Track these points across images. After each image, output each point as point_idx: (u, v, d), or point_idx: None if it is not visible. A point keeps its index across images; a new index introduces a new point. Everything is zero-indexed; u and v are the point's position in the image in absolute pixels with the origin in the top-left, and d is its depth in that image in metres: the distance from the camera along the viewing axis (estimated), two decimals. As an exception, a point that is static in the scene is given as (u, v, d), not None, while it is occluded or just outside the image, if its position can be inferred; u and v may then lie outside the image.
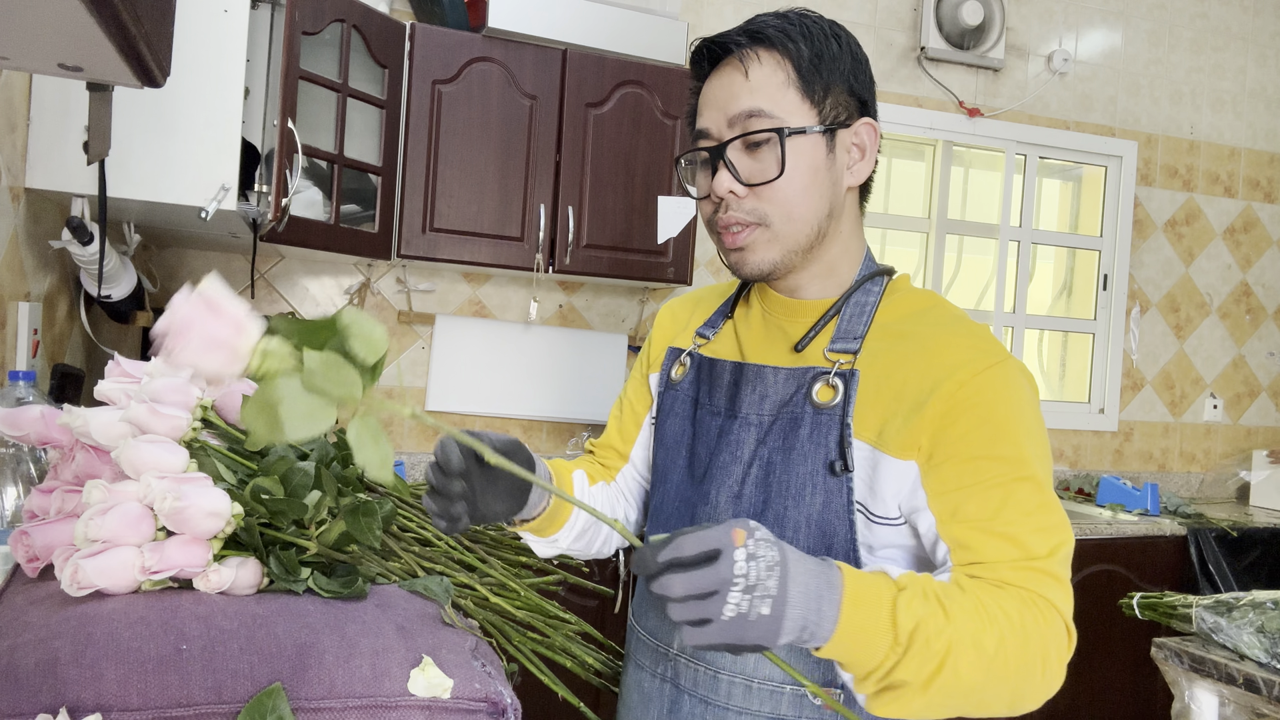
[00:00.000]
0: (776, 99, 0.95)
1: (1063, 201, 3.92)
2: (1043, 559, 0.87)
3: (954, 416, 0.89)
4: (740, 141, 0.96)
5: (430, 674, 0.70)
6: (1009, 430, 0.89)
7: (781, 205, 0.96)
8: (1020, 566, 0.86)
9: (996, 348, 0.94)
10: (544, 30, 2.60)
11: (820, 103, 0.96)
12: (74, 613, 0.70)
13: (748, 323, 1.08)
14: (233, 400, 0.89)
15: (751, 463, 0.98)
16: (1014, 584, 0.86)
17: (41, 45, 0.69)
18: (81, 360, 2.06)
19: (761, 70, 0.96)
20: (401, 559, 0.93)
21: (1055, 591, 0.86)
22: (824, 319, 1.00)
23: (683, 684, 1.01)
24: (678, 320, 1.18)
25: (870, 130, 1.00)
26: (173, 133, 1.62)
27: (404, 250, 2.53)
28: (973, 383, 0.90)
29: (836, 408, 0.94)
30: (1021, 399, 0.92)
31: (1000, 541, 0.87)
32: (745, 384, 1.01)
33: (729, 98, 0.97)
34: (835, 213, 1.00)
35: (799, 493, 0.94)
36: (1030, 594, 0.85)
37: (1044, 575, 0.86)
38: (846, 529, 0.93)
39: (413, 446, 2.96)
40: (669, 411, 1.09)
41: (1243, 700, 1.64)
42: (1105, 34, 3.70)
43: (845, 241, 1.03)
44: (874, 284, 1.02)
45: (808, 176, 0.96)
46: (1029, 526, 0.87)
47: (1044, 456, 0.91)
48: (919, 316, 0.99)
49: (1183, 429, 3.88)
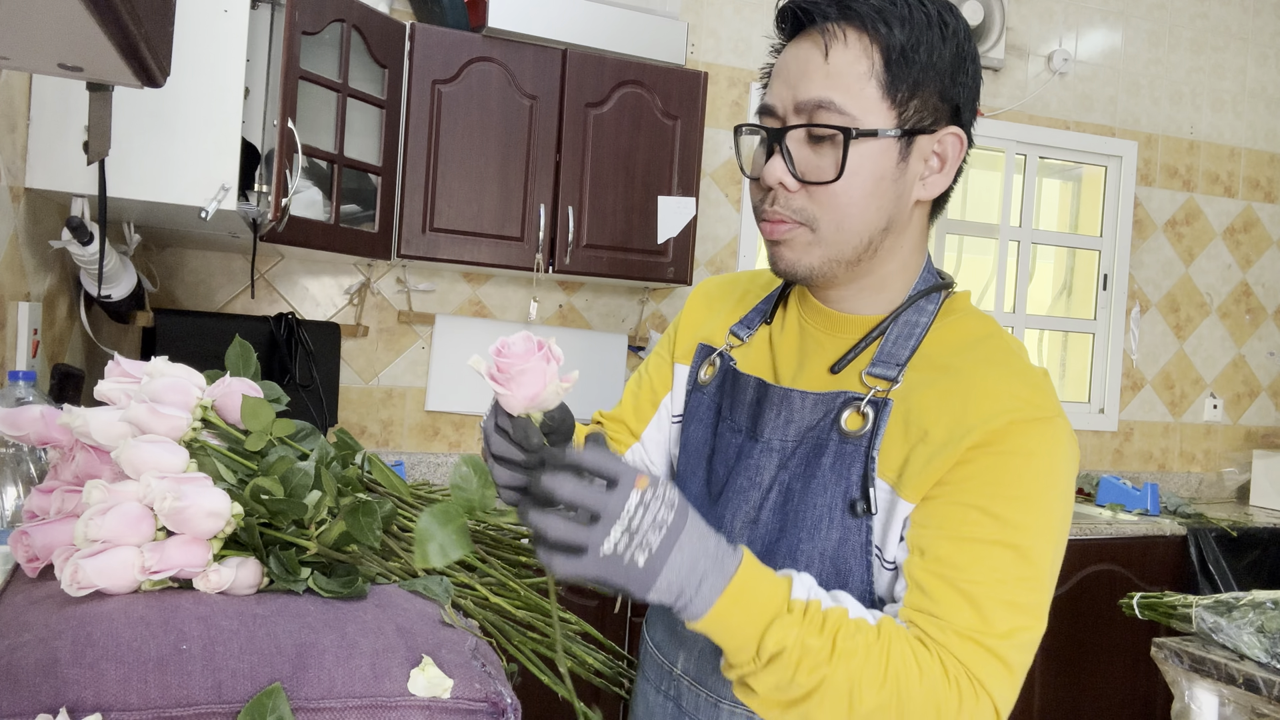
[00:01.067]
0: (854, 91, 0.84)
1: (1063, 201, 3.92)
2: (997, 637, 0.78)
3: (973, 457, 0.81)
4: (804, 131, 0.85)
5: (430, 673, 0.70)
6: (1021, 491, 0.80)
7: (833, 211, 0.86)
8: (969, 639, 0.78)
9: (1047, 400, 0.84)
10: (544, 30, 2.60)
11: (904, 103, 0.85)
12: (74, 613, 0.70)
13: (784, 332, 0.98)
14: (232, 401, 0.89)
15: (771, 488, 0.91)
16: (952, 655, 0.78)
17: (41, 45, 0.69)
18: (81, 360, 2.06)
19: (845, 54, 0.84)
20: (401, 559, 0.93)
21: (995, 677, 0.78)
22: (866, 339, 0.91)
23: (684, 705, 0.98)
24: (712, 305, 1.08)
25: (956, 141, 0.88)
26: (173, 133, 1.62)
27: (404, 250, 2.53)
28: (1005, 431, 0.81)
29: (863, 439, 0.86)
30: (1051, 464, 0.82)
31: (960, 600, 0.79)
32: (769, 406, 0.93)
33: (801, 77, 0.85)
34: (895, 227, 0.89)
35: (815, 526, 0.88)
36: (961, 671, 0.78)
37: (990, 656, 0.78)
38: (863, 571, 0.86)
39: (412, 447, 2.96)
40: (693, 415, 1.03)
41: (1243, 700, 1.64)
42: (1105, 34, 3.70)
43: (904, 258, 0.92)
44: (929, 301, 0.92)
45: (869, 184, 0.85)
46: (997, 596, 0.79)
47: (1049, 532, 0.81)
48: (969, 348, 0.88)
49: (1183, 429, 3.88)
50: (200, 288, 2.72)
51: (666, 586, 0.72)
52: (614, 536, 0.69)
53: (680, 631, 1.00)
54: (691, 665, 0.98)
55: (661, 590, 0.72)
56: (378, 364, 2.91)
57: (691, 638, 0.98)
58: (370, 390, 2.91)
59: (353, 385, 2.88)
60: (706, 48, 3.19)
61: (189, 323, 2.41)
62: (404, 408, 2.94)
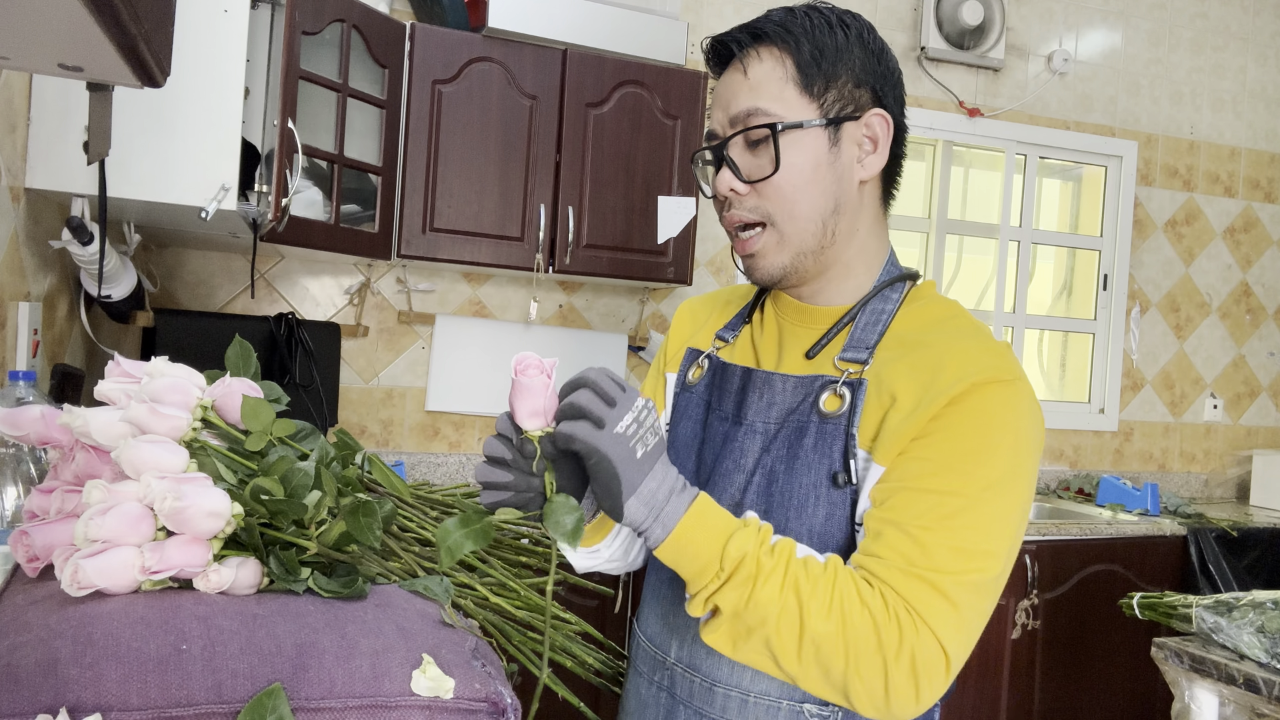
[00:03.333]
0: (775, 96, 0.94)
1: (1063, 201, 3.92)
2: (938, 572, 0.82)
3: (938, 421, 0.87)
4: (741, 139, 0.95)
5: (431, 673, 0.70)
6: (982, 445, 0.85)
7: (781, 202, 0.94)
8: (911, 573, 0.82)
9: (1010, 365, 0.90)
10: (544, 30, 2.60)
11: (820, 95, 0.94)
12: (74, 613, 0.70)
13: (764, 330, 1.06)
14: (233, 401, 0.89)
15: (754, 471, 0.96)
16: (892, 588, 0.82)
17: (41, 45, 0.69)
18: (81, 360, 2.06)
19: (761, 68, 0.95)
20: (401, 559, 0.93)
21: (938, 612, 0.81)
22: (837, 326, 0.98)
23: (678, 694, 1.00)
24: (696, 319, 1.16)
25: (882, 121, 0.97)
26: (173, 133, 1.62)
27: (404, 250, 2.53)
28: (971, 393, 0.86)
29: (842, 417, 0.92)
30: (1016, 424, 0.87)
31: (904, 539, 0.83)
32: (753, 390, 1.00)
33: (730, 97, 0.96)
34: (844, 208, 0.97)
35: (801, 504, 0.92)
36: (900, 604, 0.81)
37: (930, 590, 0.82)
38: (848, 545, 0.91)
39: (412, 447, 2.96)
40: (683, 414, 1.08)
41: (1243, 700, 1.64)
42: (1105, 34, 3.70)
43: (863, 241, 1.00)
44: (894, 290, 0.99)
45: (807, 171, 0.94)
46: (942, 540, 0.83)
47: (1004, 486, 0.85)
48: (936, 326, 0.96)
49: (1183, 429, 3.88)
50: (200, 288, 2.72)
51: (646, 493, 0.81)
52: (627, 420, 0.80)
53: (674, 622, 1.02)
54: (685, 653, 1.00)
55: (641, 496, 0.81)
56: (378, 364, 2.91)
57: (684, 627, 1.00)
58: (370, 390, 2.91)
59: (353, 385, 2.88)
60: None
61: (189, 323, 2.41)
62: (404, 408, 2.94)
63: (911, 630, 0.81)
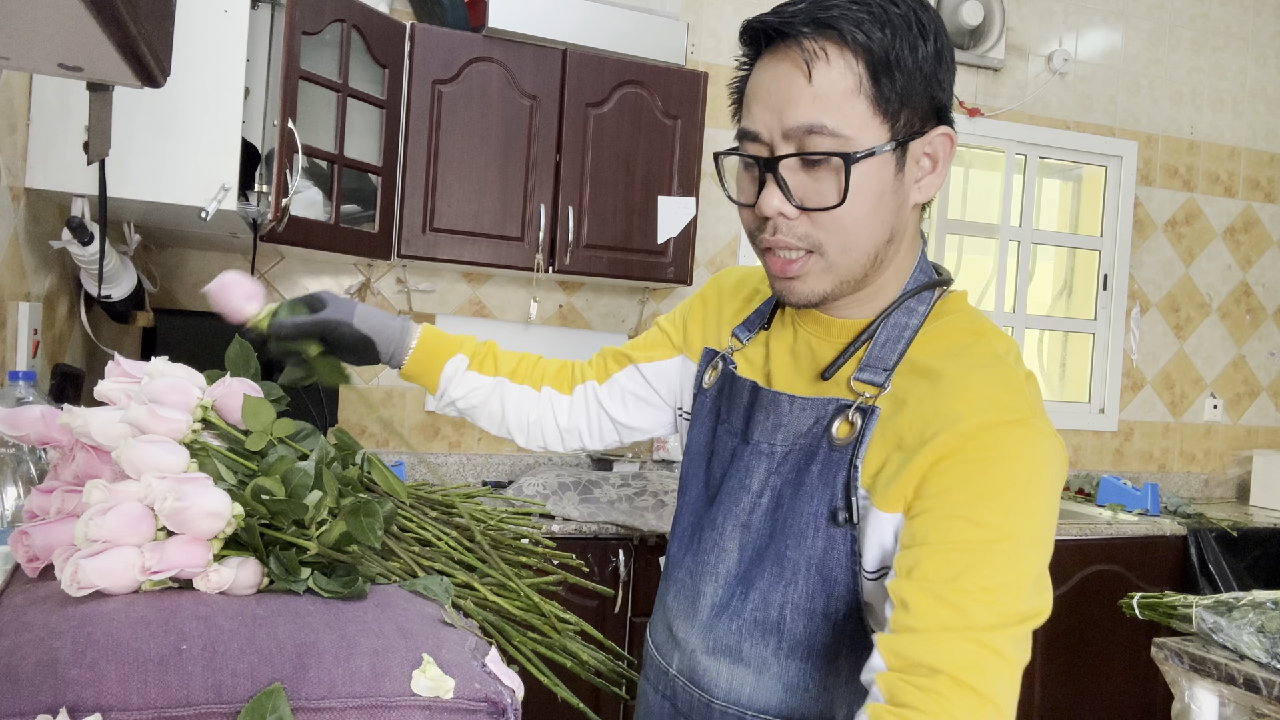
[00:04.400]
0: (844, 111, 0.80)
1: (1063, 201, 3.92)
2: (982, 630, 0.74)
3: (945, 467, 0.79)
4: (798, 159, 0.82)
5: (431, 673, 0.70)
6: (1003, 494, 0.77)
7: (839, 235, 0.84)
8: (952, 632, 0.74)
9: (1023, 403, 0.81)
10: (544, 30, 2.60)
11: (895, 115, 0.81)
12: (74, 613, 0.70)
13: (780, 338, 0.98)
14: (233, 401, 0.89)
15: (762, 493, 0.91)
16: (939, 670, 0.73)
17: (41, 45, 0.69)
18: (81, 360, 2.06)
19: (828, 73, 0.80)
20: (402, 559, 0.93)
21: (988, 672, 0.73)
22: (855, 343, 0.89)
23: (679, 705, 0.99)
24: (723, 302, 1.08)
25: (946, 141, 0.86)
26: (173, 133, 1.62)
27: (404, 250, 2.53)
28: (978, 436, 0.78)
29: (849, 447, 0.85)
30: (1033, 466, 0.79)
31: (940, 605, 0.75)
32: (760, 410, 0.94)
33: (786, 102, 0.81)
34: (897, 236, 0.88)
35: (801, 534, 0.87)
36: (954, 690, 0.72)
37: (979, 649, 0.74)
38: (848, 580, 0.85)
39: (412, 446, 2.96)
40: (696, 418, 1.04)
41: (1243, 700, 1.64)
42: (1105, 34, 3.70)
43: (900, 261, 0.91)
44: (919, 301, 0.90)
45: (871, 203, 0.83)
46: (982, 602, 0.75)
47: (1033, 536, 0.78)
48: (956, 354, 0.86)
49: (1183, 429, 3.88)
50: (200, 288, 2.71)
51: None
52: None
53: (675, 633, 1.00)
54: (685, 666, 0.98)
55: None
56: (378, 364, 2.91)
57: (685, 639, 0.99)
58: (370, 390, 2.91)
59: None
60: (706, 48, 3.19)
61: (189, 323, 2.41)
62: (404, 408, 2.94)
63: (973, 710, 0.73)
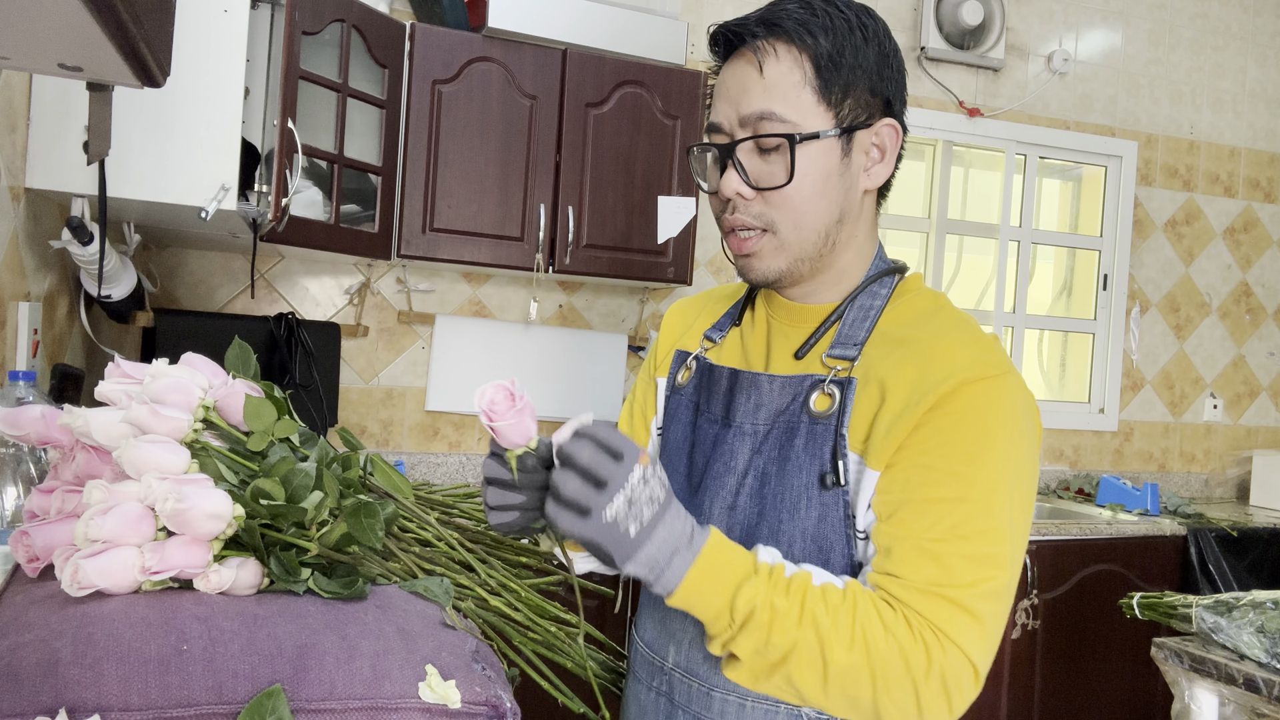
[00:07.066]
0: (791, 100, 0.90)
1: (1063, 201, 3.92)
2: (960, 588, 0.82)
3: (929, 420, 0.85)
4: (752, 143, 0.92)
5: (436, 684, 0.70)
6: (980, 447, 0.85)
7: (790, 212, 0.92)
8: (931, 593, 0.82)
9: (999, 359, 0.89)
10: (544, 30, 2.60)
11: (838, 104, 0.91)
12: (75, 613, 0.70)
13: (753, 330, 1.05)
14: (234, 401, 0.89)
15: (746, 473, 0.95)
16: (916, 611, 0.82)
17: (41, 45, 0.68)
18: (81, 360, 2.06)
19: (777, 67, 0.90)
20: (401, 560, 0.93)
21: (963, 629, 0.82)
22: (825, 324, 0.97)
23: (677, 699, 0.99)
24: (685, 319, 1.15)
25: (892, 132, 0.95)
26: (173, 133, 1.62)
27: (404, 250, 2.53)
28: (961, 391, 0.85)
29: (832, 417, 0.91)
30: (1009, 418, 0.86)
31: (921, 558, 0.83)
32: (740, 392, 0.99)
33: (741, 93, 0.92)
34: (848, 218, 0.96)
35: (794, 506, 0.91)
36: (925, 625, 0.82)
37: (955, 608, 0.82)
38: (844, 544, 0.90)
39: (412, 446, 2.96)
40: (673, 417, 1.07)
41: (1243, 700, 1.64)
42: (1105, 34, 3.70)
43: (858, 246, 0.99)
44: (882, 285, 0.98)
45: (819, 184, 0.92)
46: (958, 550, 0.83)
47: (1007, 484, 0.85)
48: (922, 320, 0.95)
49: (1183, 429, 3.88)
50: (200, 288, 2.72)
51: (645, 559, 0.80)
52: (616, 504, 0.77)
53: (670, 627, 1.01)
54: (682, 658, 0.99)
55: (639, 562, 0.80)
56: (378, 364, 2.91)
57: (681, 631, 1.00)
58: (370, 390, 2.91)
59: (353, 385, 2.88)
60: (706, 48, 3.18)
61: (189, 323, 2.41)
62: (404, 408, 2.94)
63: (938, 650, 0.81)
